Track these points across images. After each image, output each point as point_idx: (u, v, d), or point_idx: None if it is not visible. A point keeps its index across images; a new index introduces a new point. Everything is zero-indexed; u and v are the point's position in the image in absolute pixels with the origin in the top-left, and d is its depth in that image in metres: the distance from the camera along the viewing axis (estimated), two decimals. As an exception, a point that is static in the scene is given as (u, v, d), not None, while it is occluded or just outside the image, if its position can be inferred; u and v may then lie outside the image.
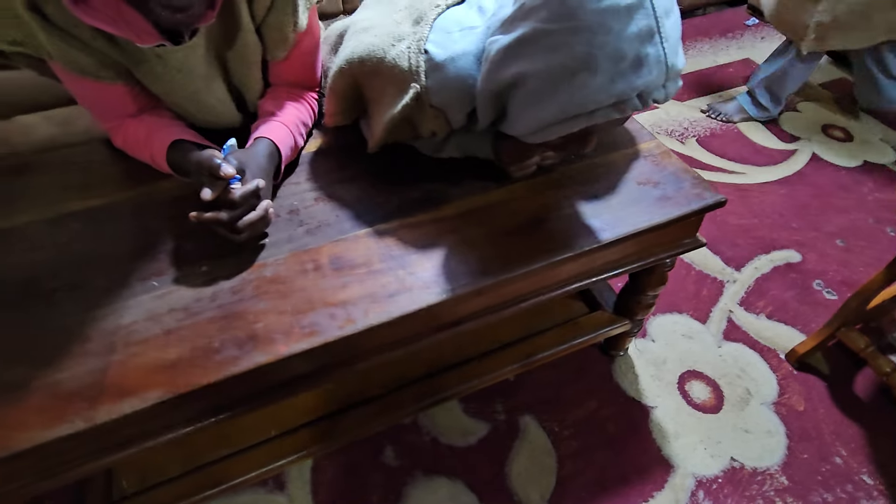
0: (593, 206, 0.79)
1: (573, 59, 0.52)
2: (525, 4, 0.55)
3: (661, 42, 0.51)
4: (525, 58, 0.56)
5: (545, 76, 0.55)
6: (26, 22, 0.64)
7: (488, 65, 0.61)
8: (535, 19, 0.54)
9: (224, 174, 0.64)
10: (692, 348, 1.19)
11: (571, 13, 0.51)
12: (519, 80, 0.58)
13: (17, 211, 0.78)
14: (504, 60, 0.58)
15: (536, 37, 0.54)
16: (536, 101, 0.57)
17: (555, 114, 0.56)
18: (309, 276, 0.70)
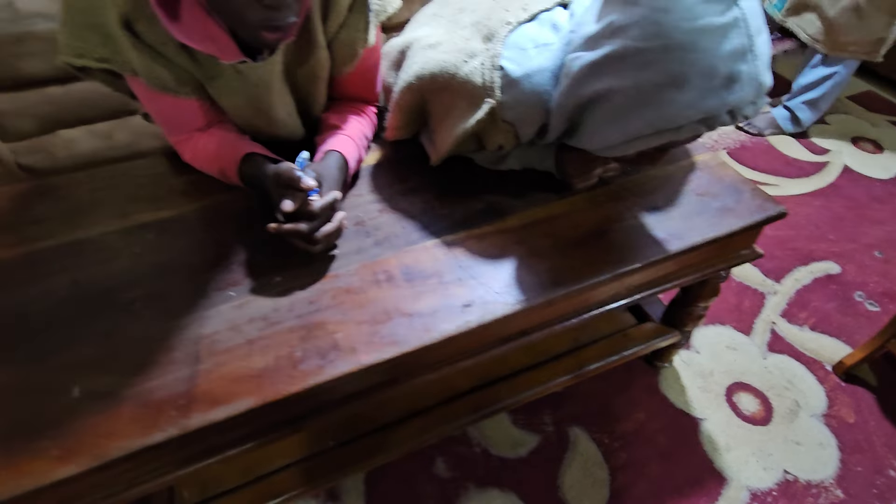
0: (655, 218, 0.80)
1: (665, 75, 0.53)
2: (613, 23, 0.57)
3: (753, 59, 0.52)
4: (612, 74, 0.57)
5: (633, 92, 0.56)
6: (116, 39, 0.66)
7: (569, 80, 0.63)
8: (625, 37, 0.55)
9: (305, 186, 0.65)
10: (737, 360, 1.18)
11: (665, 32, 0.52)
12: (604, 95, 0.59)
13: (91, 222, 0.79)
14: (588, 76, 0.60)
15: (626, 54, 0.55)
16: (622, 116, 0.58)
17: (640, 129, 0.57)
18: (382, 286, 0.70)
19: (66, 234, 0.77)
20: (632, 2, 0.55)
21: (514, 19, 0.72)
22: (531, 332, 0.76)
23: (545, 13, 0.72)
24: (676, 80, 0.53)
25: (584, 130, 0.65)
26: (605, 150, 0.64)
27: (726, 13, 0.51)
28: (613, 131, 0.60)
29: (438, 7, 0.94)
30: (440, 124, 0.79)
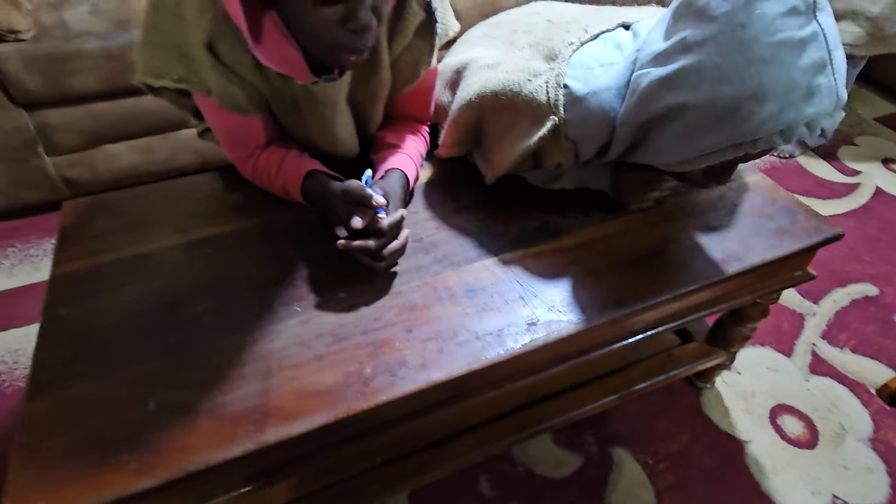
0: (712, 238, 0.80)
1: (745, 89, 0.54)
2: (686, 38, 0.58)
3: (832, 73, 0.53)
4: (687, 88, 0.58)
5: (709, 106, 0.57)
6: (195, 60, 0.68)
7: (637, 96, 0.64)
8: (701, 52, 0.56)
9: (376, 203, 0.67)
10: (779, 381, 1.17)
11: (745, 46, 0.53)
12: (678, 110, 0.60)
13: (151, 237, 0.81)
14: (659, 91, 0.61)
15: (702, 68, 0.56)
16: (698, 130, 0.59)
17: (717, 143, 0.58)
18: (445, 303, 0.71)
19: (129, 248, 0.79)
20: (706, 18, 0.56)
21: (576, 39, 0.73)
22: (590, 351, 0.76)
23: (607, 33, 0.73)
24: (757, 93, 0.54)
25: (653, 146, 0.66)
26: (676, 165, 0.65)
27: (805, 27, 0.52)
28: (687, 145, 0.61)
29: (488, 28, 0.96)
30: (498, 142, 0.80)
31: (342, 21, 0.57)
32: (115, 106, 1.45)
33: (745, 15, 0.53)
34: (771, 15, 0.52)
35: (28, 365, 1.22)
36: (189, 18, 0.63)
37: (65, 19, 1.35)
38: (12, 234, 1.52)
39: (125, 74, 1.40)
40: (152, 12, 0.65)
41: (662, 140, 0.64)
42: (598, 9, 0.85)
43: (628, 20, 0.74)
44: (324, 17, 0.56)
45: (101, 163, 1.54)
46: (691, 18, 0.58)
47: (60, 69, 1.33)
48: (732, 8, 0.53)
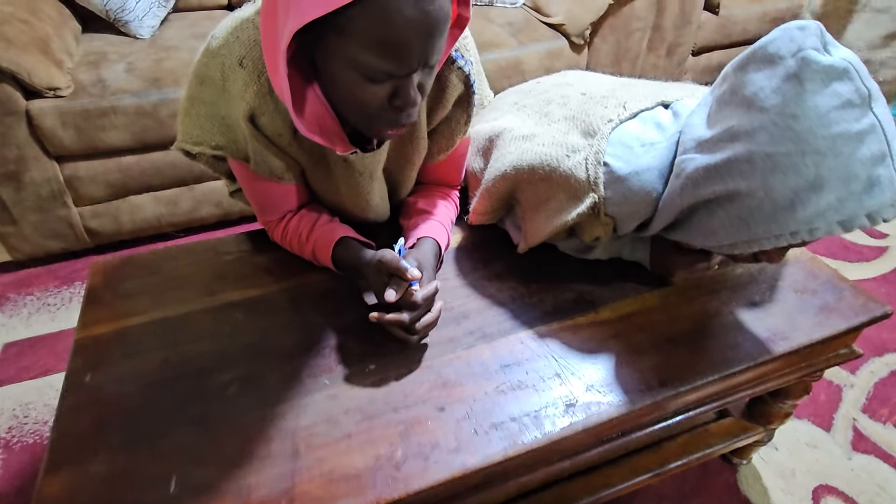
0: (755, 315, 0.77)
1: (801, 180, 0.53)
2: (734, 128, 0.57)
3: (892, 163, 0.52)
4: (738, 177, 0.57)
5: (762, 195, 0.56)
6: (235, 129, 0.69)
7: (683, 181, 0.63)
8: (751, 142, 0.55)
9: (412, 277, 0.65)
10: (820, 459, 1.11)
11: (800, 137, 0.52)
12: (728, 197, 0.59)
13: (179, 299, 0.80)
14: (707, 178, 0.60)
15: (753, 158, 0.55)
16: (750, 217, 0.58)
17: (772, 231, 0.57)
18: (479, 379, 0.68)
19: (156, 311, 0.78)
20: (755, 108, 0.55)
21: (615, 116, 0.73)
22: (629, 432, 0.72)
23: (646, 112, 0.73)
24: (814, 184, 0.53)
25: (701, 227, 0.64)
26: (726, 247, 0.63)
27: (861, 120, 0.52)
28: (740, 231, 0.59)
29: (519, 96, 0.97)
30: (532, 214, 0.80)
31: (389, 98, 0.57)
32: (142, 159, 1.48)
33: (798, 107, 0.52)
34: (825, 108, 0.51)
35: (38, 420, 1.19)
36: (233, 92, 0.64)
37: (103, 77, 1.40)
38: (32, 282, 1.52)
39: (156, 130, 1.43)
40: (197, 84, 0.66)
41: (712, 223, 0.62)
42: (632, 83, 0.86)
43: (666, 98, 0.74)
44: (371, 94, 0.56)
45: (125, 213, 1.55)
46: (738, 107, 0.57)
47: (94, 124, 1.37)
48: (783, 100, 0.53)
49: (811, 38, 0.53)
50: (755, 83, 0.55)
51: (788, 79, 0.53)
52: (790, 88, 0.53)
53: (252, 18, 0.63)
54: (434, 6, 0.50)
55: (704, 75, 2.16)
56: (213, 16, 1.81)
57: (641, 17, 1.84)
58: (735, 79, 0.58)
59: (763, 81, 0.55)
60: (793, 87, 0.52)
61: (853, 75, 0.51)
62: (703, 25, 1.99)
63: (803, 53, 0.52)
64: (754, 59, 0.56)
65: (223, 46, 0.62)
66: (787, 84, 0.53)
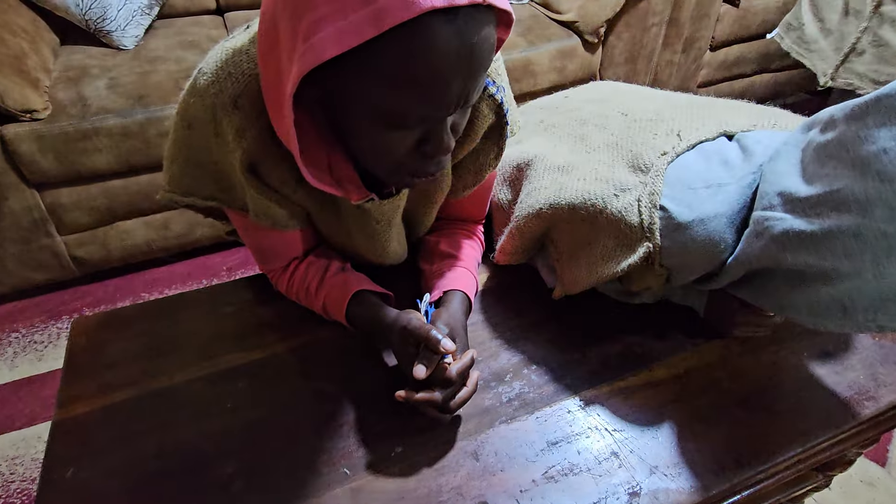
0: (831, 369, 0.68)
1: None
2: (841, 192, 0.47)
3: None
4: (840, 254, 0.47)
5: (870, 279, 0.46)
6: (231, 179, 0.59)
7: (766, 242, 0.52)
8: (864, 215, 0.45)
9: (445, 350, 0.55)
10: (877, 499, 1.02)
11: None
12: (823, 276, 0.49)
13: (173, 366, 0.70)
14: (798, 247, 0.49)
15: (863, 235, 0.45)
16: (850, 302, 0.48)
17: (875, 319, 0.47)
18: (525, 462, 0.59)
19: (147, 383, 0.68)
20: (873, 174, 0.45)
21: (670, 149, 0.63)
22: (698, 513, 0.63)
23: (707, 144, 0.63)
24: None
25: (779, 296, 0.54)
26: (808, 323, 0.53)
27: None
28: (831, 313, 0.49)
29: (546, 114, 0.86)
30: (571, 258, 0.70)
31: (418, 144, 0.47)
32: (130, 183, 1.38)
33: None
34: None
35: (26, 476, 1.09)
36: (227, 137, 0.54)
37: (84, 95, 1.29)
38: (17, 317, 1.42)
39: (143, 152, 1.33)
40: (183, 128, 0.56)
41: (796, 296, 0.52)
42: (679, 100, 0.75)
43: (729, 128, 0.64)
44: (397, 141, 0.46)
45: (114, 240, 1.45)
46: (849, 167, 0.47)
47: (76, 148, 1.26)
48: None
49: None
50: (877, 141, 0.45)
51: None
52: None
53: (246, 49, 0.52)
54: (479, 37, 0.40)
55: (721, 71, 2.05)
56: (201, 21, 1.69)
57: (658, 11, 1.73)
58: (848, 129, 0.48)
59: (889, 141, 0.44)
60: None
61: None
62: (721, 18, 1.88)
63: None
64: (878, 108, 0.45)
65: (213, 84, 0.52)
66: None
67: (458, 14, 0.38)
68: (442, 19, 0.37)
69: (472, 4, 0.38)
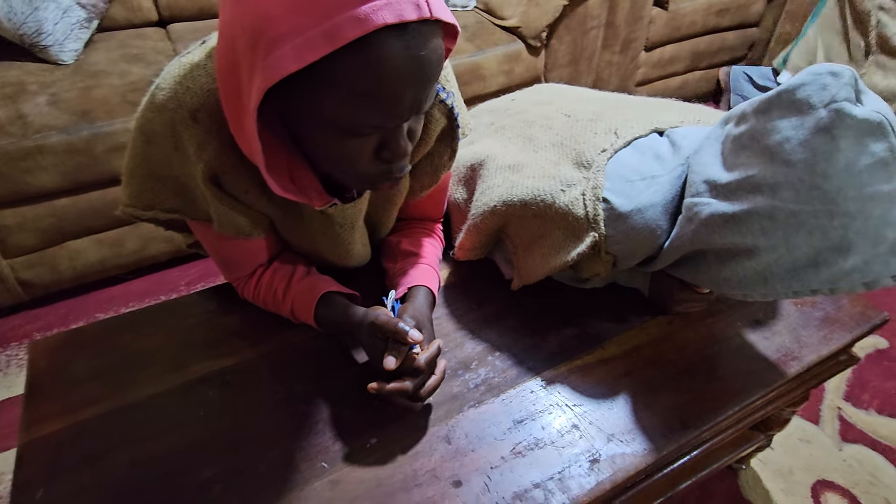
0: (761, 335, 0.75)
1: (827, 241, 0.50)
2: (755, 177, 0.53)
3: None
4: (757, 232, 0.53)
5: (784, 252, 0.52)
6: (193, 190, 0.60)
7: (696, 226, 0.58)
8: (774, 196, 0.51)
9: (413, 340, 0.59)
10: (814, 454, 1.12)
11: (829, 198, 0.49)
12: (746, 251, 0.55)
13: (141, 379, 0.70)
14: (723, 228, 0.55)
15: (776, 215, 0.52)
16: (769, 273, 0.54)
17: (791, 288, 0.53)
18: (493, 441, 0.63)
19: (115, 399, 0.68)
20: (780, 161, 0.51)
21: (608, 146, 0.69)
22: (652, 475, 0.68)
23: (640, 140, 0.69)
24: (840, 246, 0.50)
25: (711, 273, 0.60)
26: (738, 295, 0.59)
27: (893, 180, 0.48)
28: (755, 284, 0.56)
29: (495, 116, 0.91)
30: (526, 250, 0.74)
31: (376, 150, 0.50)
32: (79, 200, 1.33)
33: (829, 165, 0.48)
34: (857, 168, 0.48)
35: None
36: (188, 151, 0.55)
37: (23, 113, 1.24)
38: (-41, 347, 1.35)
39: (91, 168, 1.29)
40: (142, 142, 0.57)
41: (723, 271, 0.58)
42: (615, 101, 0.82)
43: (659, 125, 0.70)
44: (356, 149, 0.49)
45: (64, 261, 1.40)
46: (760, 155, 0.53)
47: (18, 167, 1.22)
48: (813, 156, 0.49)
49: (845, 87, 0.48)
50: (781, 131, 0.51)
51: (819, 132, 0.49)
52: (821, 144, 0.48)
53: (203, 63, 0.54)
54: (427, 50, 0.43)
55: (657, 70, 2.17)
56: (144, 34, 1.66)
57: (595, 15, 1.82)
58: (757, 122, 0.54)
59: (790, 131, 0.50)
60: (824, 142, 0.48)
61: (887, 131, 0.48)
62: (653, 20, 1.99)
63: (837, 105, 0.48)
64: (780, 103, 0.52)
65: (171, 98, 0.53)
66: (818, 138, 0.49)
67: (408, 29, 0.41)
68: (393, 34, 0.41)
69: (421, 20, 0.42)
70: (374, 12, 0.39)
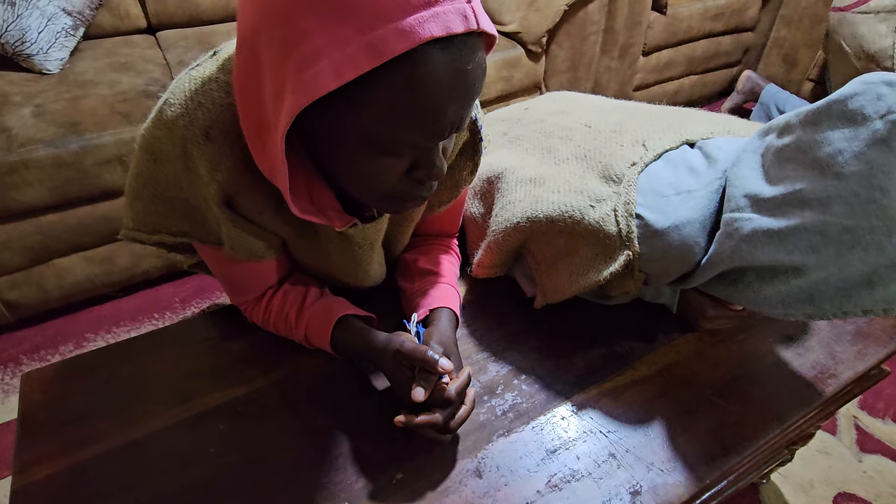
0: (794, 351, 0.73)
1: (882, 258, 0.47)
2: (803, 192, 0.50)
3: None
4: (806, 249, 0.50)
5: (835, 270, 0.50)
6: (204, 212, 0.56)
7: (737, 242, 0.55)
8: (825, 211, 0.49)
9: (443, 370, 0.55)
10: (833, 466, 1.10)
11: (885, 214, 0.46)
12: (792, 270, 0.52)
13: (145, 413, 0.65)
14: (767, 245, 0.53)
15: (827, 231, 0.49)
16: (817, 292, 0.52)
17: (840, 307, 0.51)
18: (527, 474, 0.59)
19: (118, 435, 0.63)
20: (831, 174, 0.49)
21: (638, 159, 0.66)
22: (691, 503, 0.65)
23: (672, 152, 0.66)
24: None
25: (749, 292, 0.58)
26: (781, 315, 0.56)
27: None
28: (801, 304, 0.53)
29: (509, 126, 0.88)
30: (550, 269, 0.71)
31: (409, 169, 0.47)
32: (67, 216, 1.28)
33: (886, 179, 0.46)
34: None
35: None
36: (200, 170, 0.51)
37: (8, 126, 1.18)
38: (-60, 373, 1.28)
39: (80, 182, 1.24)
40: (149, 161, 0.53)
41: (764, 290, 0.56)
42: (637, 111, 0.79)
43: (690, 137, 0.67)
44: (388, 168, 0.45)
45: (51, 279, 1.34)
46: (808, 168, 0.50)
47: (2, 183, 1.16)
48: (869, 169, 0.46)
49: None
50: (832, 143, 0.49)
51: (875, 144, 0.46)
52: (878, 156, 0.46)
53: (215, 77, 0.50)
54: (473, 64, 0.40)
55: (654, 74, 2.16)
56: (132, 41, 1.61)
57: (595, 20, 1.80)
58: (804, 133, 0.51)
59: (842, 143, 0.48)
60: (881, 154, 0.46)
61: None
62: (651, 25, 1.98)
63: (894, 116, 0.46)
64: (831, 114, 0.49)
65: (183, 115, 0.49)
66: (874, 150, 0.46)
67: (454, 42, 0.38)
68: (438, 47, 0.37)
69: (467, 32, 0.38)
70: (420, 24, 0.36)
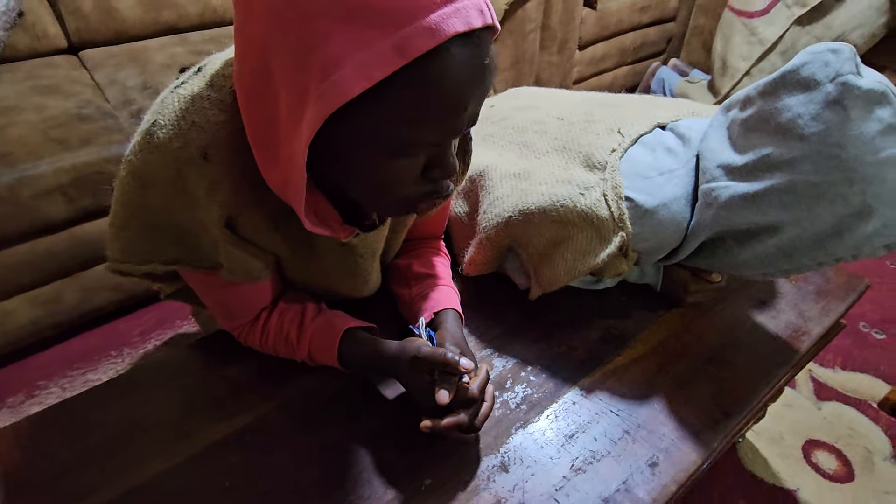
0: (768, 315, 0.79)
1: (847, 208, 0.52)
2: (771, 156, 0.55)
3: None
4: (777, 208, 0.55)
5: (808, 226, 0.54)
6: (199, 237, 0.53)
7: (717, 210, 0.60)
8: (793, 171, 0.54)
9: (465, 369, 0.55)
10: (798, 417, 1.20)
11: (847, 166, 0.51)
12: (768, 228, 0.57)
13: (142, 457, 0.61)
14: (744, 208, 0.57)
15: (796, 188, 0.54)
16: (793, 247, 0.57)
17: (815, 258, 0.56)
18: (553, 462, 0.60)
19: (116, 483, 0.59)
20: (794, 137, 0.53)
21: (616, 145, 0.69)
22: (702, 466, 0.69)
23: (646, 136, 0.70)
24: (861, 211, 0.52)
25: (734, 258, 0.62)
26: (760, 275, 0.61)
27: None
28: (779, 261, 0.58)
29: (479, 125, 0.89)
30: (544, 259, 0.73)
31: (423, 170, 0.47)
32: (5, 256, 1.17)
33: (841, 135, 0.51)
34: (869, 134, 0.50)
35: None
36: (197, 193, 0.49)
37: (-76, 163, 1.07)
38: None
39: (18, 217, 1.14)
40: (137, 188, 0.49)
41: (747, 253, 0.61)
42: (603, 101, 0.82)
43: (661, 120, 0.71)
44: (401, 170, 0.45)
45: (-10, 326, 1.22)
46: (772, 135, 0.55)
47: (-74, 226, 1.05)
48: (826, 128, 0.51)
49: (847, 61, 0.51)
50: (791, 109, 0.53)
51: (829, 105, 0.51)
52: (833, 115, 0.51)
53: (206, 94, 0.48)
54: (489, 58, 0.41)
55: (590, 67, 2.25)
56: (53, 62, 1.49)
57: (533, 18, 1.86)
58: (764, 104, 0.56)
59: (800, 107, 0.53)
60: (836, 113, 0.51)
61: (891, 98, 0.51)
62: (584, 20, 2.07)
63: (843, 78, 0.50)
64: (785, 83, 0.54)
65: (176, 137, 0.46)
66: (829, 111, 0.51)
67: (472, 37, 0.38)
68: (459, 43, 0.38)
69: (484, 26, 0.39)
70: (444, 21, 0.36)
